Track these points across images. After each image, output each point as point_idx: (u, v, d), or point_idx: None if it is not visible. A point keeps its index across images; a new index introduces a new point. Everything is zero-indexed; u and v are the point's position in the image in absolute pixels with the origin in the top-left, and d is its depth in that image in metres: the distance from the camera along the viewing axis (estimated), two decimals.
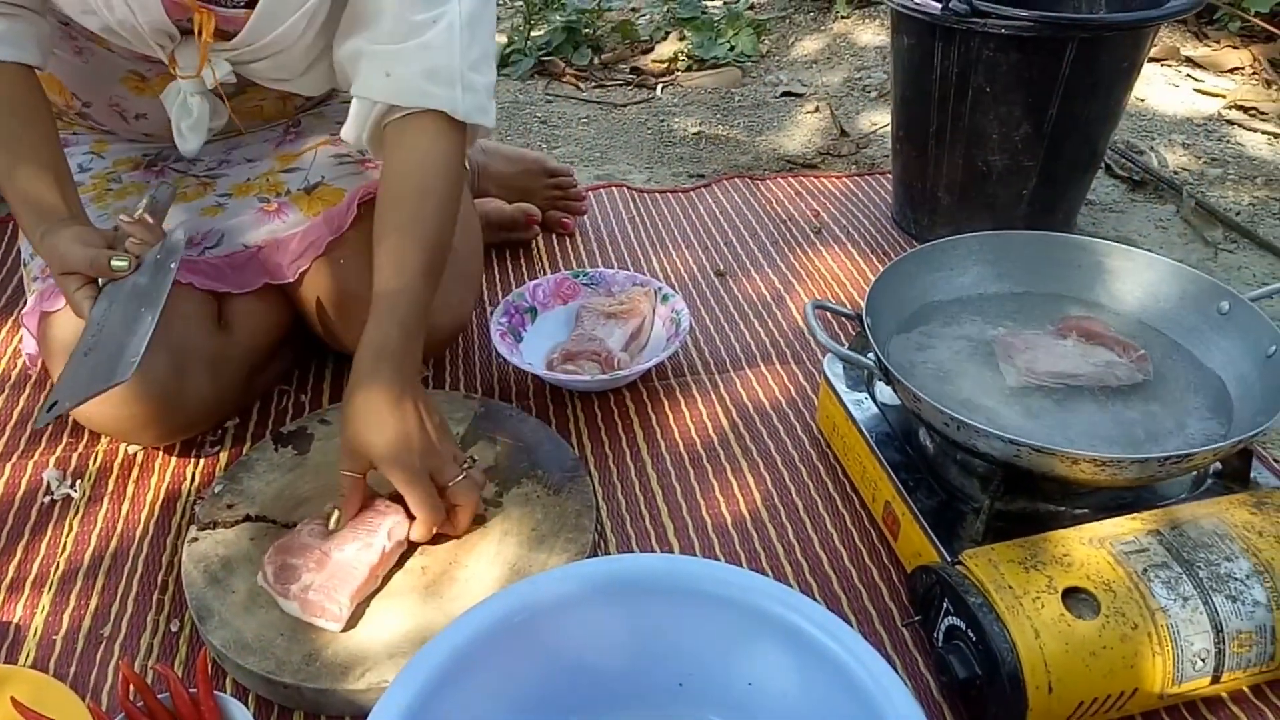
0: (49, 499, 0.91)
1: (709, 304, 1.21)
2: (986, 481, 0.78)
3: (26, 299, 0.97)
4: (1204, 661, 0.67)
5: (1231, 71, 1.91)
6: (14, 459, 0.96)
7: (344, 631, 0.73)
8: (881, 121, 1.74)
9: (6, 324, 1.17)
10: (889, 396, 0.89)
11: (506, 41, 2.11)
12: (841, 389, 0.92)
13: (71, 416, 0.99)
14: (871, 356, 0.80)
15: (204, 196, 1.01)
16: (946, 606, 0.70)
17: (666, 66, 2.03)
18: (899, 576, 0.83)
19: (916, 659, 0.76)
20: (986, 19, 1.10)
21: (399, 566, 0.79)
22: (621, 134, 1.74)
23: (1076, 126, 1.19)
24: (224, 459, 0.96)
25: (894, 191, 1.40)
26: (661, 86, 1.95)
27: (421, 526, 0.78)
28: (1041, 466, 0.71)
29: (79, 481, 0.93)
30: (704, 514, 0.90)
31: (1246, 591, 0.67)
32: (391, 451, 0.76)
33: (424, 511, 0.77)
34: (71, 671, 0.76)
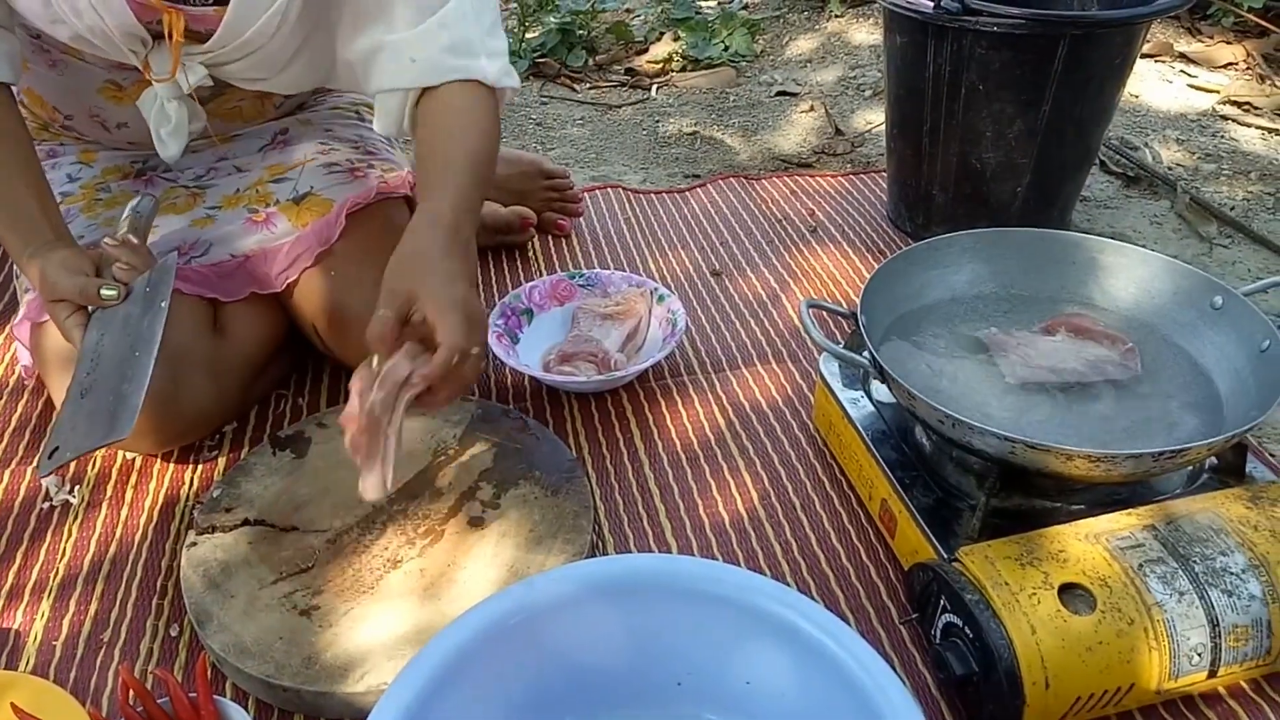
0: (48, 505, 0.92)
1: (705, 304, 1.21)
2: (982, 478, 0.78)
3: (19, 309, 0.97)
4: (1200, 656, 0.67)
5: (1225, 67, 1.91)
6: (13, 465, 0.96)
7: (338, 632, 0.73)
8: (876, 120, 1.74)
9: (3, 332, 1.17)
10: (885, 395, 0.89)
11: None
12: (837, 387, 0.92)
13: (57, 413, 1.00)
14: (866, 355, 0.80)
15: (194, 208, 1.01)
16: (943, 604, 0.71)
17: (661, 67, 2.04)
18: (896, 574, 0.83)
19: (914, 656, 0.76)
20: (979, 17, 1.11)
21: (396, 568, 0.79)
22: (617, 135, 1.74)
23: (1070, 123, 1.19)
24: (222, 463, 0.96)
25: (889, 190, 1.40)
26: (656, 87, 1.96)
27: (444, 352, 0.73)
28: (1036, 463, 0.71)
29: (78, 487, 0.93)
30: (701, 513, 0.90)
31: (1242, 586, 0.68)
32: (438, 281, 0.75)
33: (454, 337, 0.73)
34: (71, 677, 0.76)
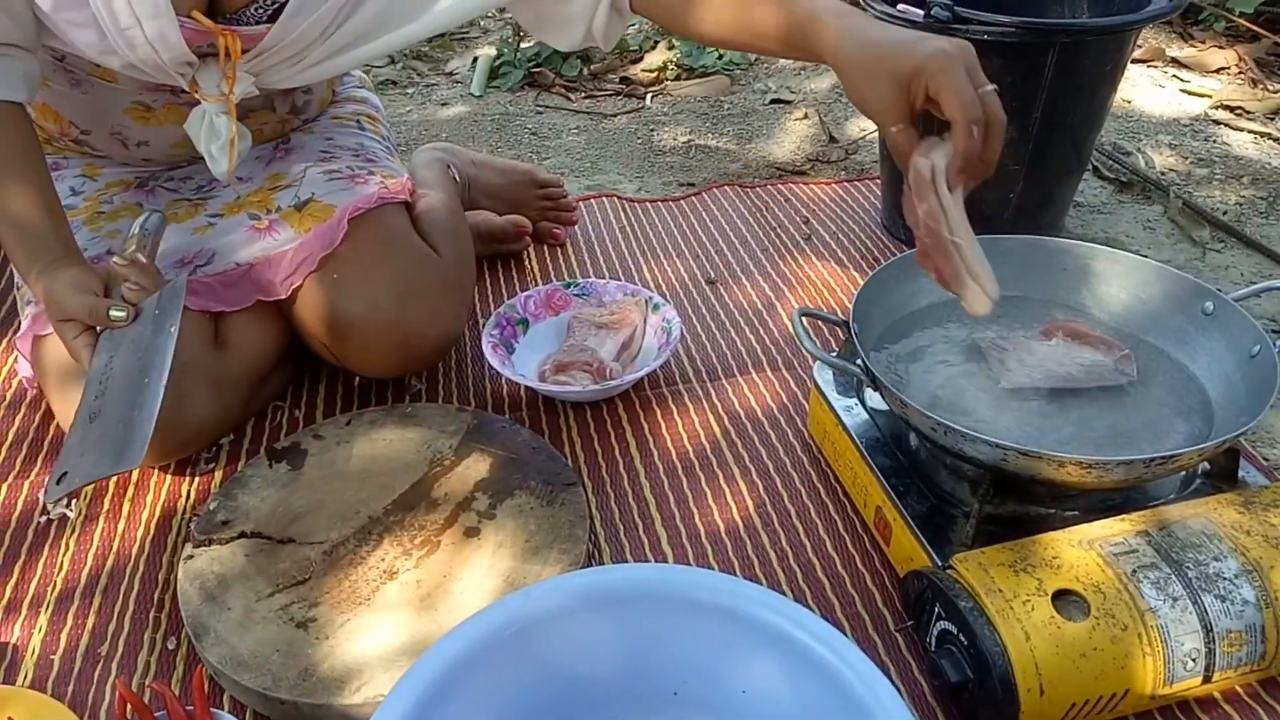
0: (45, 519, 0.92)
1: (700, 312, 1.21)
2: (976, 485, 0.78)
3: (20, 320, 0.97)
4: (1195, 661, 0.67)
5: (1217, 71, 1.92)
6: (10, 479, 0.96)
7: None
8: (870, 127, 1.75)
9: (1, 343, 1.17)
10: (879, 402, 0.90)
11: (496, 54, 2.12)
12: (831, 395, 0.92)
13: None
14: (859, 363, 0.81)
15: (195, 217, 1.02)
16: (938, 611, 0.71)
17: (656, 76, 2.04)
18: (891, 581, 0.83)
19: (910, 664, 0.76)
20: (969, 25, 1.11)
21: (392, 580, 0.79)
22: (611, 144, 1.75)
23: (1061, 130, 1.20)
24: (219, 476, 0.96)
25: (883, 197, 1.40)
26: (651, 96, 1.96)
27: (961, 128, 0.71)
28: (1029, 470, 0.72)
29: (75, 501, 0.93)
30: (697, 522, 0.90)
31: (1235, 591, 0.68)
32: (902, 58, 0.72)
33: (965, 108, 0.70)
34: (69, 691, 0.76)
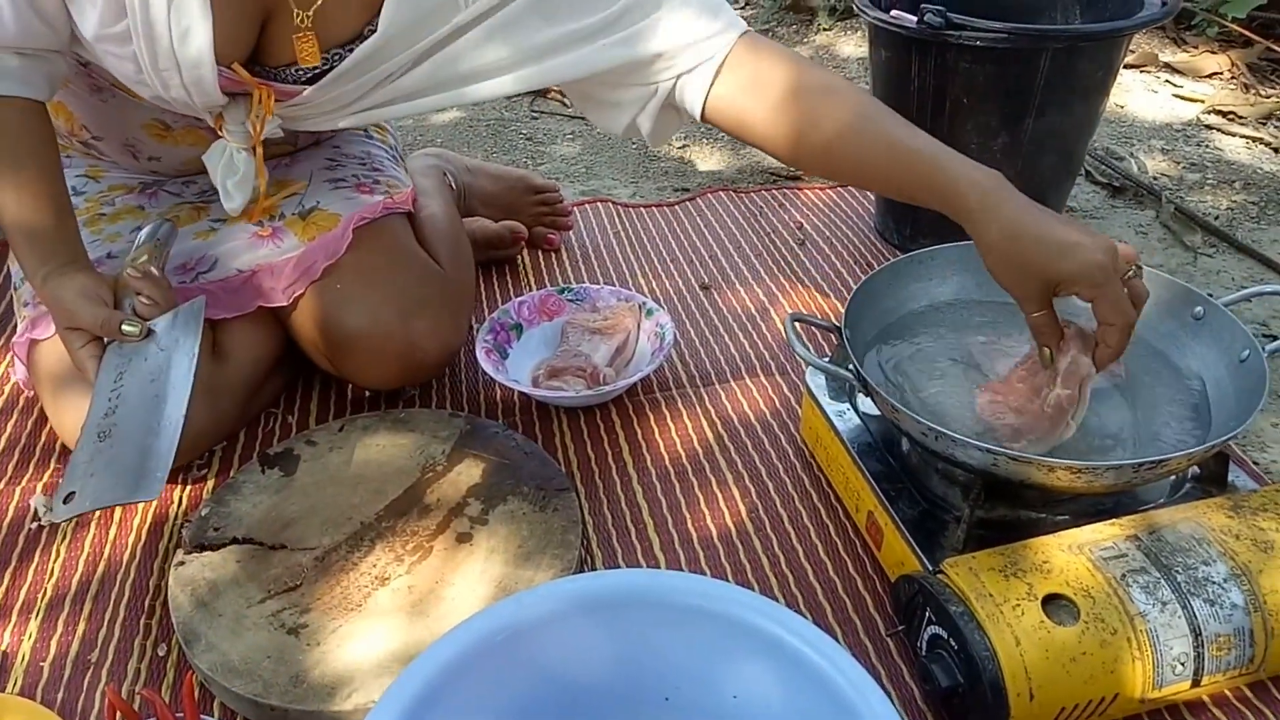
0: (36, 525, 0.91)
1: (694, 317, 1.21)
2: (967, 490, 0.78)
3: (16, 323, 0.97)
4: (1183, 665, 0.67)
5: (1210, 77, 1.93)
6: (2, 484, 0.96)
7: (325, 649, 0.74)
8: None
9: None
10: (871, 407, 0.90)
11: None
12: (824, 400, 0.92)
13: (59, 443, 1.00)
14: (850, 368, 0.81)
15: (197, 221, 1.01)
16: (929, 615, 0.71)
17: None
18: (883, 586, 0.83)
19: (901, 668, 0.76)
20: (962, 31, 1.11)
21: (384, 586, 0.79)
22: (606, 149, 1.75)
23: (1054, 135, 1.20)
24: (211, 482, 0.96)
25: (876, 203, 1.41)
26: None
27: (1118, 333, 0.71)
28: (1019, 475, 0.72)
29: None
30: (690, 527, 0.90)
31: (1224, 595, 0.68)
32: (1057, 257, 0.70)
33: (1121, 315, 0.70)
34: (59, 698, 0.76)
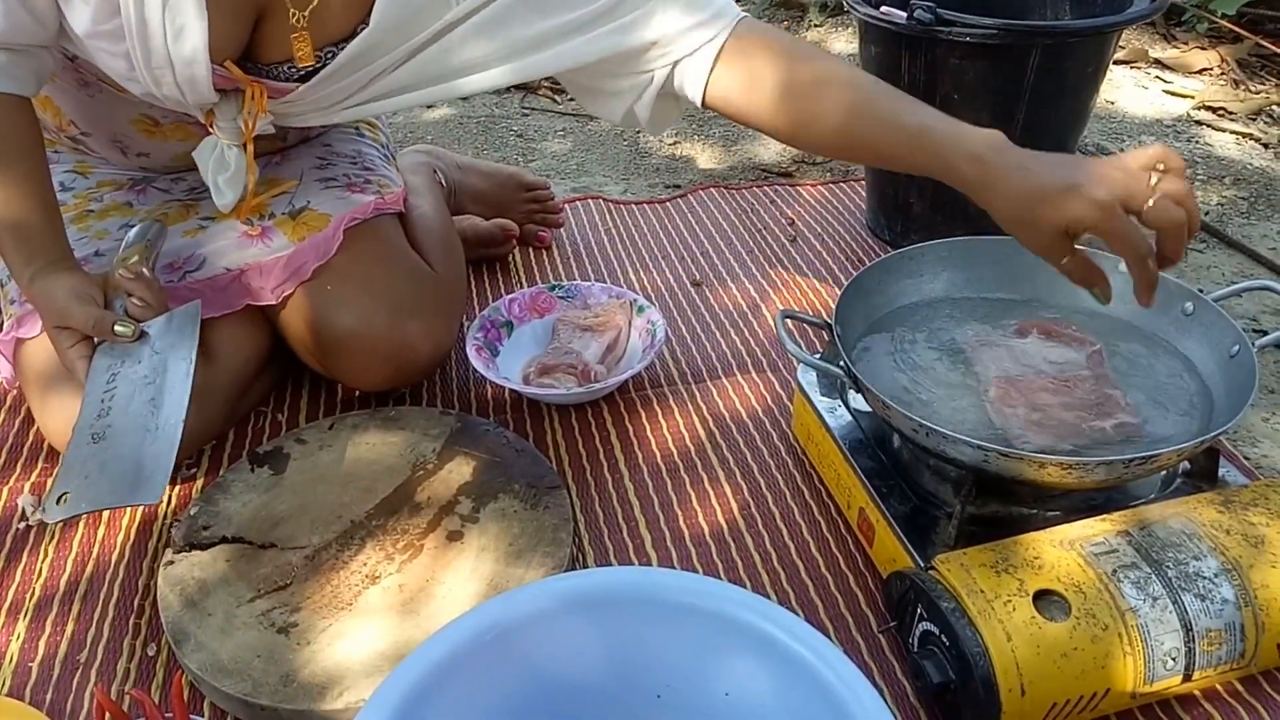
0: (24, 525, 0.91)
1: (685, 314, 1.21)
2: (958, 486, 0.78)
3: (1, 322, 0.97)
4: (1175, 660, 0.67)
5: (1200, 73, 1.93)
6: None
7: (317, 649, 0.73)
8: None
9: None
10: (862, 403, 0.90)
11: None
12: (815, 397, 0.92)
13: (46, 443, 0.99)
14: (841, 364, 0.81)
15: (186, 220, 1.01)
16: (920, 612, 0.71)
17: None
18: (874, 582, 0.83)
19: (893, 665, 0.76)
20: (951, 27, 1.11)
21: (375, 584, 0.79)
22: (598, 146, 1.75)
23: (1044, 131, 1.20)
24: (200, 481, 0.96)
25: (868, 199, 1.41)
26: None
27: (1137, 268, 0.69)
28: (1010, 471, 0.72)
29: None
30: (681, 524, 0.90)
31: (1215, 590, 0.68)
32: (1100, 195, 0.67)
33: (1131, 249, 0.69)
34: (48, 699, 0.75)
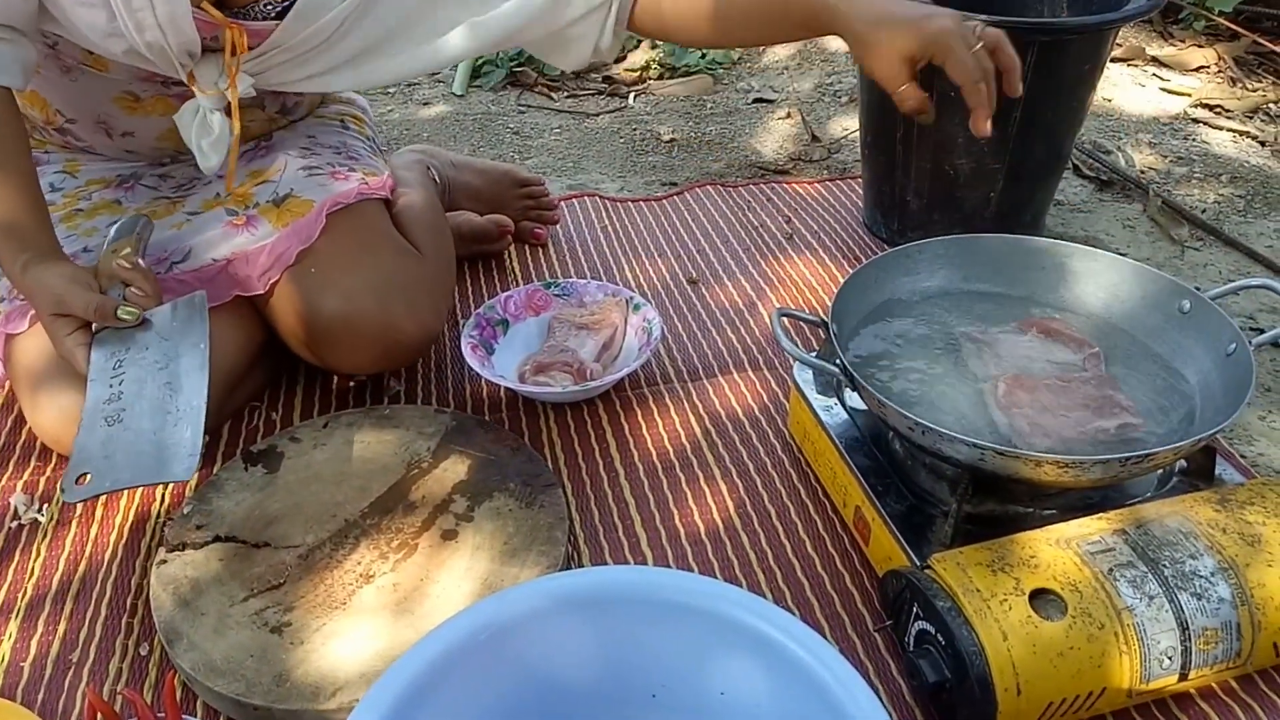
0: (16, 524, 0.90)
1: (681, 312, 1.21)
2: (955, 485, 0.78)
3: None
4: (1171, 659, 0.67)
5: (1197, 70, 1.93)
6: None
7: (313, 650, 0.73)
8: (852, 126, 1.75)
9: None
10: (858, 402, 0.89)
11: None
12: (811, 395, 0.92)
13: (39, 441, 0.99)
14: (837, 363, 0.81)
15: (173, 214, 1.01)
16: (916, 611, 0.71)
17: (639, 75, 2.04)
18: (870, 581, 0.83)
19: (889, 663, 0.76)
20: None
21: (369, 583, 0.78)
22: (594, 143, 1.74)
23: (1041, 129, 1.20)
24: (193, 479, 0.95)
25: (864, 196, 1.40)
26: (634, 95, 1.96)
27: (972, 92, 0.80)
28: (1006, 469, 0.71)
29: (46, 506, 0.92)
30: (677, 523, 0.90)
31: (1211, 589, 0.68)
32: (946, 25, 0.80)
33: (966, 74, 0.80)
34: (39, 699, 0.75)
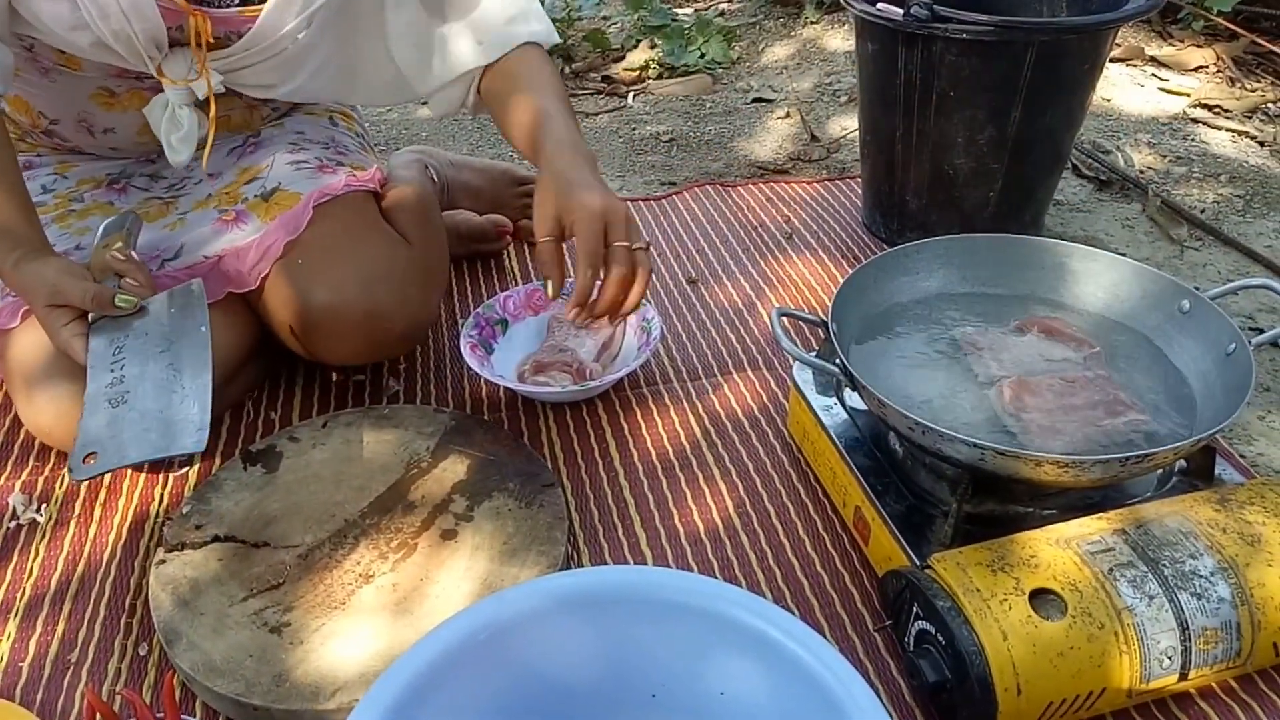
0: (14, 524, 0.90)
1: (681, 312, 1.21)
2: (955, 485, 0.78)
3: None
4: (1171, 659, 0.67)
5: (1196, 70, 1.93)
6: None
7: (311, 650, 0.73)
8: (851, 126, 1.75)
9: None
10: (858, 401, 0.89)
11: None
12: (811, 395, 0.92)
13: (37, 440, 0.98)
14: (837, 362, 0.80)
15: (166, 215, 1.01)
16: (916, 611, 0.71)
17: (638, 75, 2.04)
18: (870, 581, 0.83)
19: (889, 663, 0.76)
20: (947, 24, 1.11)
21: (368, 583, 0.78)
22: (593, 142, 1.74)
23: (1040, 129, 1.20)
24: (192, 479, 0.95)
25: (863, 196, 1.40)
26: (633, 95, 1.96)
27: (581, 263, 0.80)
28: (1006, 469, 0.71)
29: (45, 505, 0.92)
30: (676, 523, 0.90)
31: (1211, 589, 0.68)
32: (577, 195, 0.81)
33: (586, 256, 0.80)
34: (38, 699, 0.75)
